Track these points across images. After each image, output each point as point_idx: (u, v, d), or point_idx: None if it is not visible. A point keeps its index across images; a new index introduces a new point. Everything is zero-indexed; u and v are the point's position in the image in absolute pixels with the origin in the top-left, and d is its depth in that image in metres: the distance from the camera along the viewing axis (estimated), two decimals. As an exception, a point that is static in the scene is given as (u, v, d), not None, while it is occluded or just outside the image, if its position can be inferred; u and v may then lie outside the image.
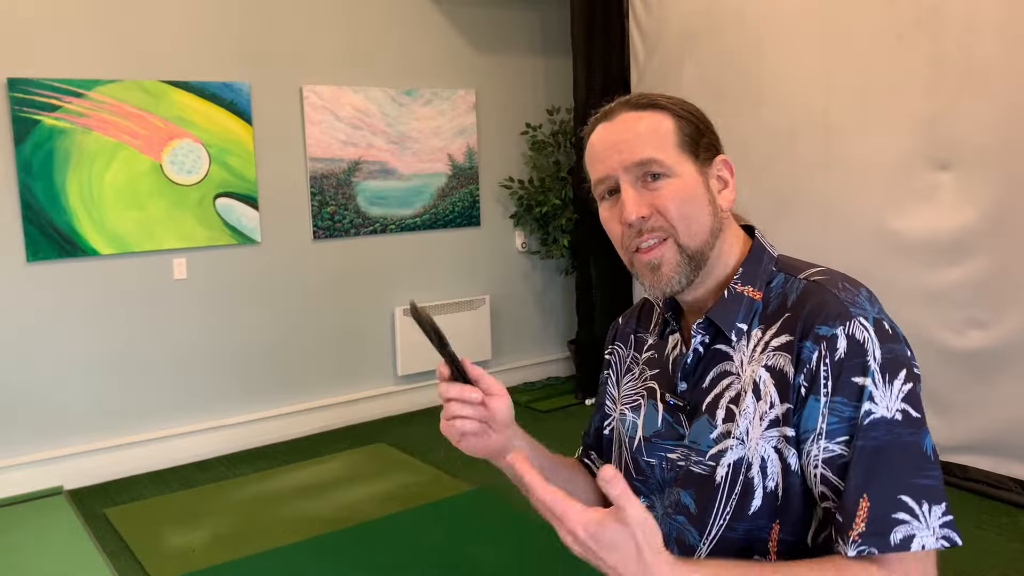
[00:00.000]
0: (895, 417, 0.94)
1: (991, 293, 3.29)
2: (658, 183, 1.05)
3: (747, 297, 1.08)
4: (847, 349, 0.96)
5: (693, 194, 1.06)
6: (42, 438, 3.93)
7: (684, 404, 1.11)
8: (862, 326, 0.97)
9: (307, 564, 3.09)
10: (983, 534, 3.11)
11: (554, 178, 5.21)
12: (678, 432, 1.11)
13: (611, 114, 1.11)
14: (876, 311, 1.00)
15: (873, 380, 0.95)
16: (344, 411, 4.75)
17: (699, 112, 1.12)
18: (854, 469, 0.93)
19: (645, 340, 1.25)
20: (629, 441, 1.19)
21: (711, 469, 1.05)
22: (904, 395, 0.95)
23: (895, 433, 0.93)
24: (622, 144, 1.07)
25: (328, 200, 4.60)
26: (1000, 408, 3.31)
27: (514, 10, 5.23)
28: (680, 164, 1.06)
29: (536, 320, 5.53)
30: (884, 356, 0.95)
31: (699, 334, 1.10)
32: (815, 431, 0.97)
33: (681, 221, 1.05)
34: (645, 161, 1.05)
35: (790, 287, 1.06)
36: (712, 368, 1.08)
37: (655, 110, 1.08)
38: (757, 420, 1.01)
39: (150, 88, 4.03)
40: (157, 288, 4.16)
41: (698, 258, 1.07)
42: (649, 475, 1.15)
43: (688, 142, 1.07)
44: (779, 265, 1.10)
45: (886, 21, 3.47)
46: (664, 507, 1.13)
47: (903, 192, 3.49)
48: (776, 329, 1.03)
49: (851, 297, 1.00)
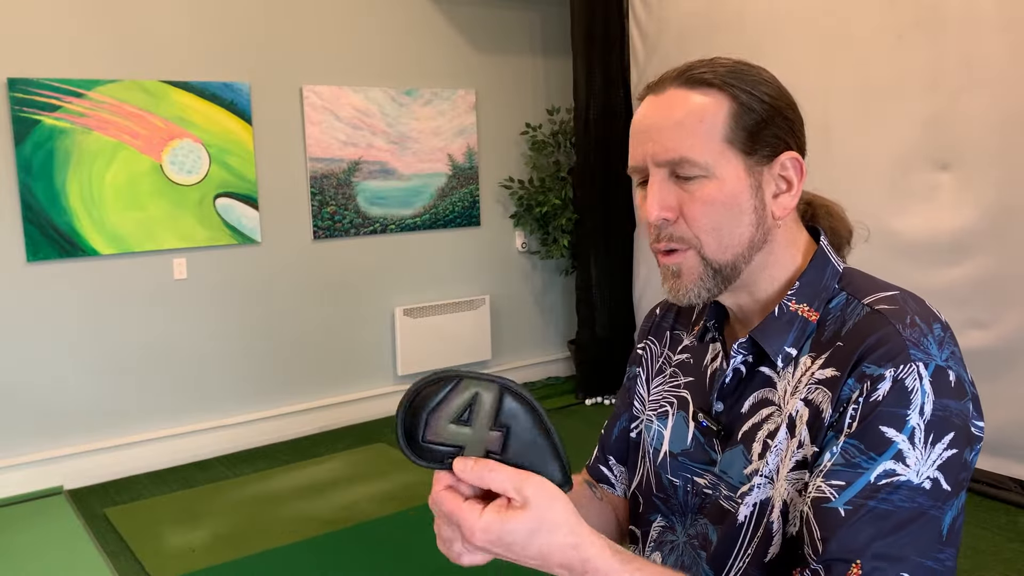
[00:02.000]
0: (922, 484, 0.80)
1: (991, 293, 3.29)
2: (691, 184, 0.91)
3: (801, 317, 0.92)
4: (888, 394, 0.82)
5: (731, 201, 0.90)
6: (42, 438, 3.93)
7: (718, 428, 0.98)
8: (917, 373, 0.82)
9: (307, 564, 3.10)
10: (983, 534, 3.11)
11: (554, 178, 5.21)
12: (710, 456, 0.98)
13: (659, 87, 0.94)
14: (944, 356, 0.84)
15: (911, 439, 0.81)
16: (344, 411, 4.75)
17: (776, 94, 0.93)
18: (852, 528, 0.80)
19: (681, 339, 1.11)
20: (653, 453, 1.07)
21: (737, 507, 0.93)
22: (942, 462, 0.81)
23: (917, 503, 0.80)
24: (656, 132, 0.91)
25: (328, 200, 4.60)
26: (1000, 408, 3.31)
27: (514, 10, 5.23)
28: (722, 163, 0.90)
29: (536, 320, 5.53)
30: (934, 413, 0.81)
31: (740, 354, 0.96)
32: (819, 467, 0.84)
33: (709, 232, 0.91)
34: (676, 160, 0.90)
35: (850, 312, 0.90)
36: (752, 393, 0.95)
37: (710, 89, 0.91)
38: (787, 459, 0.89)
39: (150, 88, 4.03)
40: (157, 288, 4.16)
41: (726, 272, 0.93)
42: (671, 495, 1.04)
43: (743, 134, 0.90)
44: (843, 281, 0.94)
45: (886, 21, 3.47)
46: (688, 535, 1.01)
47: (903, 192, 3.49)
48: (824, 360, 0.88)
49: (916, 336, 0.84)
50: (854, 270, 0.97)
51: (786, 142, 0.93)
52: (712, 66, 0.93)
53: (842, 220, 1.03)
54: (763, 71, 0.95)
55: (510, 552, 0.77)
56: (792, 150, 0.93)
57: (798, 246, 0.97)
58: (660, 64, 4.51)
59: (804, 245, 0.97)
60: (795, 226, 0.97)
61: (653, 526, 1.07)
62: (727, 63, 0.94)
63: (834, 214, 1.03)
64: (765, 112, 0.92)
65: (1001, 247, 3.25)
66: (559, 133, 5.26)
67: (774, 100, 0.93)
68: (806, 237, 0.98)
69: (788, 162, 0.93)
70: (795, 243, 0.96)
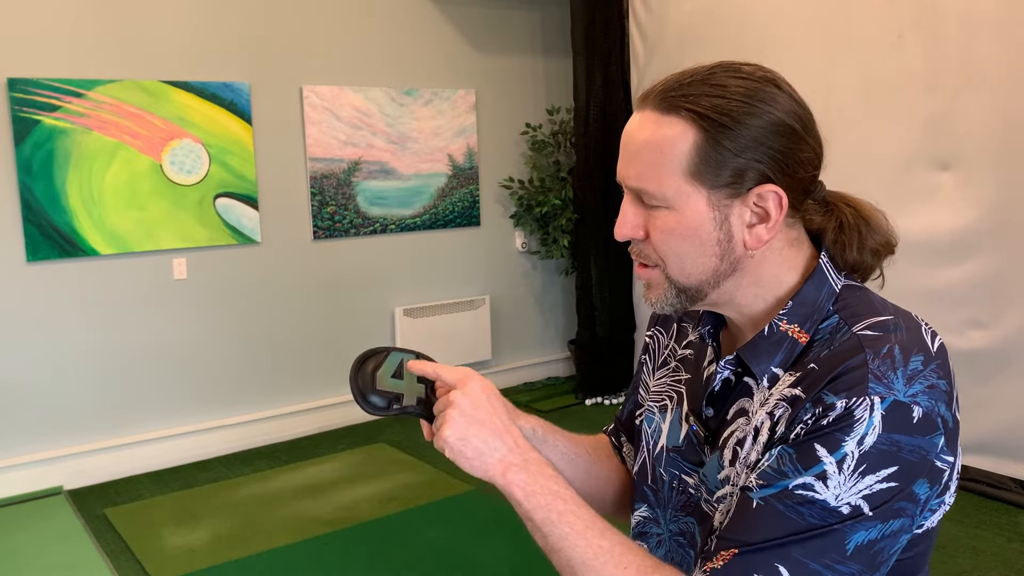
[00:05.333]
0: (839, 508, 0.81)
1: (991, 293, 3.29)
2: (652, 211, 0.91)
3: (791, 338, 0.92)
4: (835, 419, 0.82)
5: (690, 233, 0.90)
6: (42, 438, 3.93)
7: (705, 434, 0.99)
8: (869, 405, 0.81)
9: (307, 564, 3.09)
10: (983, 534, 3.11)
11: (554, 178, 5.21)
12: (700, 457, 1.00)
13: (642, 103, 0.93)
14: (910, 392, 0.83)
15: (839, 464, 0.81)
16: (344, 411, 4.75)
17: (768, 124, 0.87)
18: (755, 518, 0.83)
19: (687, 333, 1.11)
20: (652, 445, 1.08)
21: (713, 512, 0.96)
22: (870, 492, 0.81)
23: (825, 520, 0.81)
24: (626, 156, 0.92)
25: (328, 200, 4.60)
26: (1000, 408, 3.31)
27: (514, 10, 5.23)
28: (681, 197, 0.89)
29: (536, 320, 5.53)
30: (876, 445, 0.81)
31: (727, 369, 0.97)
32: (758, 465, 0.87)
33: (670, 257, 0.92)
34: (635, 189, 0.91)
35: (838, 338, 0.89)
36: (735, 402, 0.97)
37: (679, 119, 0.88)
38: (745, 467, 0.91)
39: (150, 88, 4.03)
40: (157, 288, 4.16)
41: (691, 293, 0.94)
42: (659, 487, 1.06)
43: (708, 168, 0.87)
44: (839, 303, 0.92)
45: (886, 21, 3.47)
46: (670, 531, 1.04)
47: (903, 192, 3.49)
48: (796, 378, 0.89)
49: (883, 369, 0.83)
50: (854, 289, 0.94)
51: (767, 175, 0.88)
52: (687, 90, 0.89)
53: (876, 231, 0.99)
54: (775, 95, 0.89)
55: (461, 428, 0.92)
56: (773, 183, 0.88)
57: (792, 264, 0.94)
58: (660, 64, 4.52)
59: (803, 263, 0.95)
60: (789, 249, 0.94)
61: (635, 514, 1.10)
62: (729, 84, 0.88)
63: (873, 226, 0.98)
64: (743, 146, 0.87)
65: (1001, 247, 3.25)
66: (559, 133, 5.26)
67: (762, 132, 0.87)
68: (807, 254, 0.95)
69: (769, 194, 0.88)
70: (789, 262, 0.94)
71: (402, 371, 0.99)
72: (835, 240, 0.96)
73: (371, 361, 0.99)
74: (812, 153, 0.91)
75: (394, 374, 0.99)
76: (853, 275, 0.97)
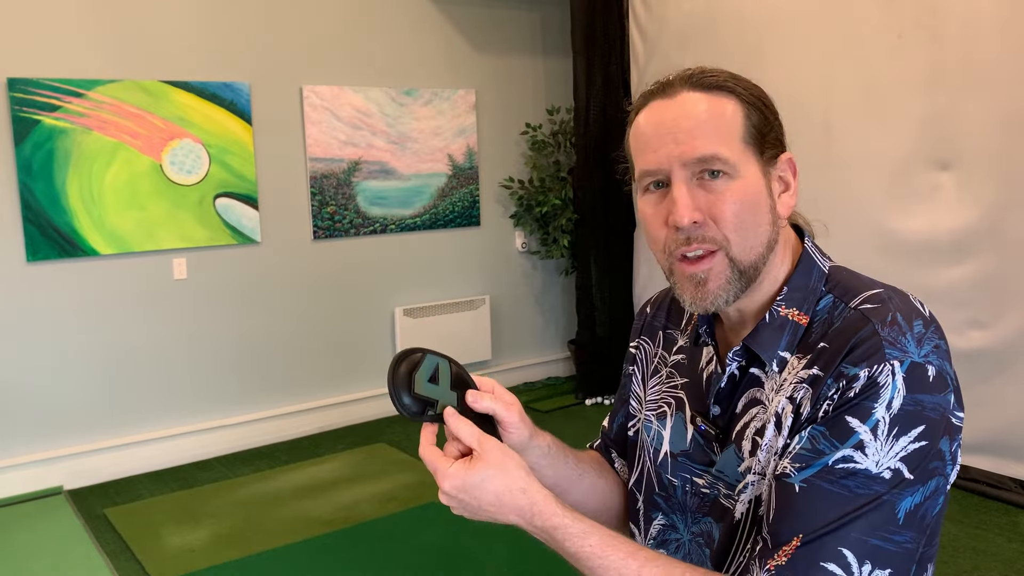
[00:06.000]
0: (881, 474, 0.83)
1: (991, 293, 3.29)
2: (717, 183, 0.91)
3: (792, 322, 0.95)
4: (860, 390, 0.85)
5: (755, 200, 0.92)
6: (42, 438, 3.93)
7: (716, 432, 1.00)
8: (891, 370, 0.85)
9: (307, 564, 3.10)
10: (983, 534, 3.11)
11: (554, 178, 5.21)
12: (709, 457, 1.01)
13: (669, 90, 0.94)
14: (923, 352, 0.86)
15: (873, 431, 0.84)
16: (344, 411, 4.75)
17: (767, 99, 0.96)
18: (804, 504, 0.85)
19: (675, 340, 1.13)
20: (653, 453, 1.09)
21: (734, 504, 0.97)
22: (906, 454, 0.84)
23: (873, 490, 0.83)
24: (681, 133, 0.91)
25: (328, 200, 4.60)
26: (1000, 408, 3.31)
27: (514, 10, 5.23)
28: (745, 162, 0.92)
29: (536, 320, 5.53)
30: (903, 407, 0.84)
31: (735, 361, 0.98)
32: (789, 450, 0.89)
33: (738, 232, 0.91)
34: (707, 158, 0.90)
35: (837, 314, 0.92)
36: (744, 393, 0.98)
37: (722, 93, 0.92)
38: (774, 454, 0.92)
39: (150, 88, 4.03)
40: (157, 288, 4.16)
41: (750, 273, 0.94)
42: (671, 494, 1.06)
43: (755, 135, 0.93)
44: (829, 283, 0.96)
45: (886, 21, 3.47)
46: (691, 533, 1.04)
47: (903, 192, 3.49)
48: (809, 359, 0.91)
49: (894, 335, 0.87)
50: (839, 269, 0.99)
51: (782, 143, 0.97)
52: (716, 74, 0.95)
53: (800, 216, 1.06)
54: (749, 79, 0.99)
55: (471, 497, 0.91)
56: (786, 151, 0.97)
57: (788, 245, 0.99)
58: (660, 64, 4.51)
59: (792, 245, 1.00)
60: (787, 228, 1.00)
61: (654, 524, 1.09)
62: (725, 72, 0.96)
63: None
64: (767, 114, 0.95)
65: (1001, 247, 3.25)
66: (559, 133, 5.26)
67: (770, 105, 0.96)
68: (792, 236, 1.01)
69: (786, 163, 0.96)
70: (788, 243, 0.99)
71: (437, 376, 0.98)
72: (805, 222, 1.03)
73: (407, 362, 0.97)
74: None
75: (430, 378, 0.97)
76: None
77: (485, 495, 0.90)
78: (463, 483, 0.90)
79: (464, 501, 0.92)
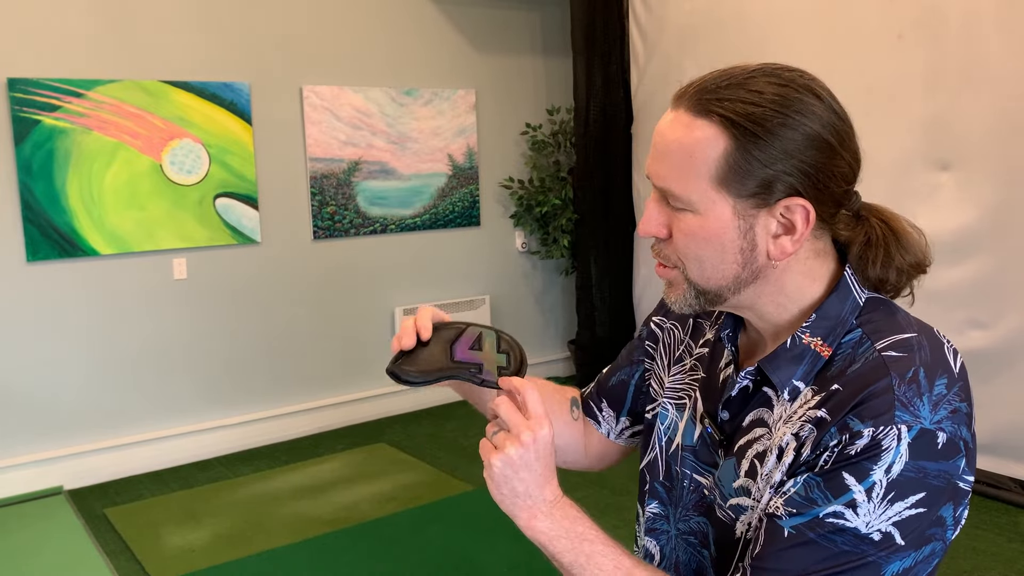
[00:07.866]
0: (870, 535, 0.81)
1: (991, 293, 3.29)
2: (676, 212, 0.90)
3: (813, 351, 0.90)
4: (862, 449, 0.82)
5: (712, 238, 0.88)
6: (42, 438, 3.93)
7: (720, 438, 0.99)
8: (897, 434, 0.81)
9: (307, 564, 3.10)
10: (983, 534, 3.11)
11: (554, 178, 5.21)
12: (714, 459, 1.00)
13: (675, 101, 0.91)
14: (936, 418, 0.82)
15: (868, 493, 0.81)
16: (344, 411, 4.75)
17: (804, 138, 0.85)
18: (788, 549, 0.83)
19: (703, 330, 1.10)
20: (667, 442, 1.08)
21: (731, 521, 0.95)
22: (900, 519, 0.81)
23: (859, 549, 0.81)
24: (657, 154, 0.91)
25: (328, 200, 4.60)
26: (1000, 409, 3.31)
27: (514, 10, 5.23)
28: (706, 202, 0.87)
29: (536, 320, 5.53)
30: (903, 472, 0.81)
31: (748, 378, 0.96)
32: (784, 490, 0.87)
33: (690, 260, 0.91)
34: (662, 189, 0.90)
35: (860, 353, 0.87)
36: (753, 409, 0.95)
37: (711, 121, 0.86)
38: (769, 487, 0.91)
39: (150, 88, 4.03)
40: (157, 288, 4.16)
41: (710, 296, 0.93)
42: (674, 485, 1.06)
43: (736, 177, 0.86)
44: (862, 316, 0.91)
45: (886, 21, 3.47)
46: (678, 529, 1.05)
47: (903, 192, 3.49)
48: (821, 398, 0.87)
49: (909, 396, 0.83)
50: (878, 302, 0.93)
51: (797, 188, 0.86)
52: (723, 93, 0.86)
53: (907, 250, 0.94)
54: (812, 106, 0.87)
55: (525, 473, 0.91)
56: (802, 196, 0.86)
57: (817, 275, 0.93)
58: (660, 64, 4.51)
59: (828, 274, 0.93)
60: (815, 259, 0.92)
61: (647, 509, 1.10)
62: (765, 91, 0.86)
63: (904, 244, 0.94)
64: (774, 157, 0.85)
65: (1001, 247, 3.25)
66: (559, 133, 5.26)
67: (794, 145, 0.85)
68: (832, 266, 0.94)
69: (796, 208, 0.87)
70: (812, 274, 0.92)
71: (481, 343, 1.02)
72: (860, 255, 0.93)
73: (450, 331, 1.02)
74: (847, 167, 0.89)
75: (473, 346, 1.01)
76: (881, 290, 0.95)
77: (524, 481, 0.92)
78: (532, 454, 0.90)
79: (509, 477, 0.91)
